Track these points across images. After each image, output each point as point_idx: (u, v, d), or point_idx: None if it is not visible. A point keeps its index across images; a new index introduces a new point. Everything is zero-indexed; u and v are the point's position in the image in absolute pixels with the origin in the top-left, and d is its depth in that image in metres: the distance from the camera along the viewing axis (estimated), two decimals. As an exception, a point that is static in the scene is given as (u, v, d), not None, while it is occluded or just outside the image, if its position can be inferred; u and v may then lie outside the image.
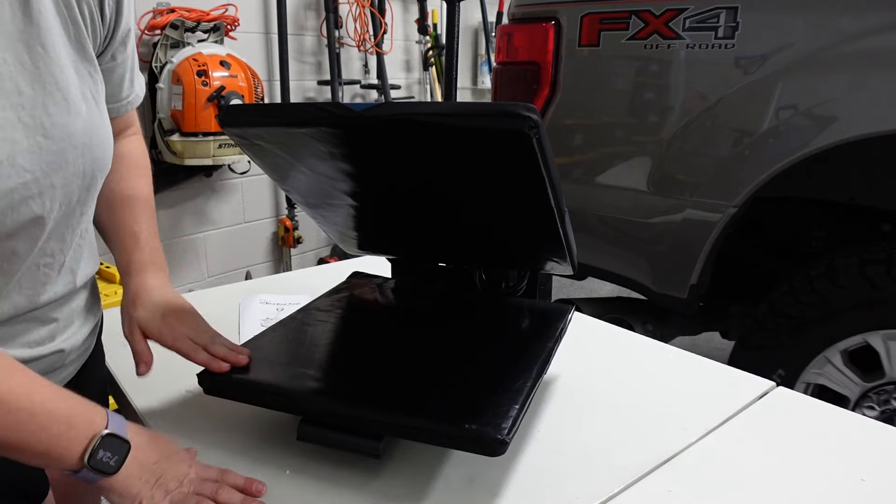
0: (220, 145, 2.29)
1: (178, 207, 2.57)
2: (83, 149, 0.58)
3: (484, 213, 0.72)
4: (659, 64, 1.48)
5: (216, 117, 1.69)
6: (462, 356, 0.73)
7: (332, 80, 2.84)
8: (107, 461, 0.54)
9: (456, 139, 0.60)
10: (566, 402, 0.79)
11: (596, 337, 1.02)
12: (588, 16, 1.56)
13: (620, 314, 1.80)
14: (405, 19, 3.34)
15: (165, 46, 2.29)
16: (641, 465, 0.67)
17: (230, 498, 0.58)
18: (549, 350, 0.71)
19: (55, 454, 0.53)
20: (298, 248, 3.01)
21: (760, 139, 1.37)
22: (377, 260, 1.02)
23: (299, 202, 0.81)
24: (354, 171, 0.70)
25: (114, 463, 0.55)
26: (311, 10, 2.92)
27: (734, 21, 1.36)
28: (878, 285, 1.33)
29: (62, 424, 0.53)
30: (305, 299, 0.90)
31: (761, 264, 1.79)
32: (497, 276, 0.85)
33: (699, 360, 0.92)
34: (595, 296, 2.78)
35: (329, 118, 0.62)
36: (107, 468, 0.54)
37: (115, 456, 0.55)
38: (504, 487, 0.63)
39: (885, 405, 1.37)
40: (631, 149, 1.59)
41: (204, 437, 0.70)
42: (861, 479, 0.65)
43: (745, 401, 0.80)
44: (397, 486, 0.63)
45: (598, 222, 1.69)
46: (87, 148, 0.59)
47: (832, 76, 1.29)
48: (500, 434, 0.57)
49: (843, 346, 1.40)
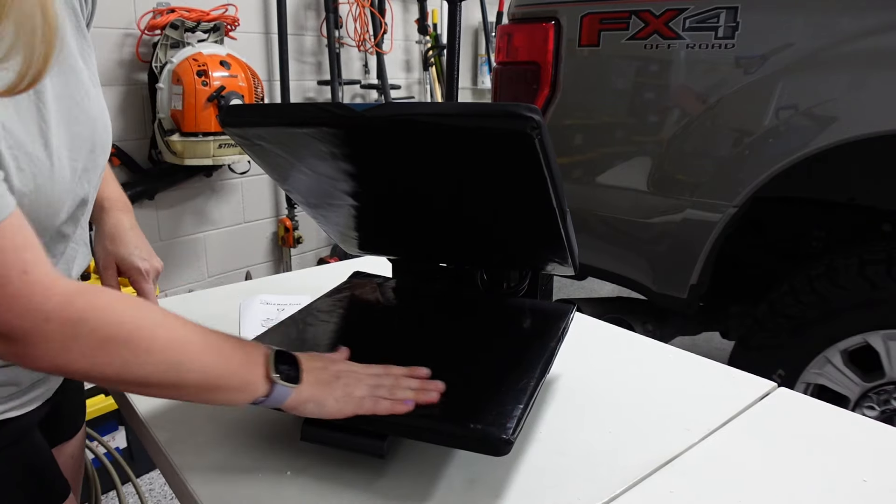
0: (220, 145, 2.29)
1: (178, 207, 2.57)
2: (101, 129, 0.63)
3: (485, 214, 0.72)
4: (659, 64, 1.48)
5: (217, 117, 1.69)
6: (464, 356, 0.73)
7: (332, 80, 2.84)
8: (288, 372, 0.58)
9: (457, 140, 0.60)
10: (567, 403, 0.79)
11: (596, 337, 1.02)
12: (588, 16, 1.56)
13: (620, 314, 1.80)
14: (405, 19, 3.34)
15: (165, 46, 2.28)
16: (643, 465, 0.67)
17: (410, 383, 0.63)
18: (552, 350, 0.71)
19: (249, 381, 0.57)
20: (298, 248, 3.01)
21: (760, 139, 1.37)
22: (378, 260, 1.02)
23: (300, 202, 0.81)
24: (355, 171, 0.70)
25: (294, 373, 0.59)
26: (311, 10, 2.92)
27: (734, 21, 1.36)
28: (878, 285, 1.33)
29: (242, 352, 0.58)
30: (306, 299, 0.90)
31: (761, 264, 1.79)
32: (498, 277, 0.85)
33: (699, 361, 0.92)
34: (595, 296, 2.79)
35: (330, 118, 0.62)
36: (292, 379, 0.58)
37: (292, 368, 0.59)
38: (506, 488, 0.63)
39: (885, 405, 1.37)
40: (631, 149, 1.59)
41: (205, 437, 0.70)
42: (863, 479, 0.65)
43: (746, 401, 0.80)
44: (399, 487, 0.63)
45: (598, 222, 1.69)
46: (104, 127, 0.64)
47: (832, 76, 1.29)
48: (504, 434, 0.57)
49: (843, 346, 1.40)
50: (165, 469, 0.69)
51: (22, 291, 0.46)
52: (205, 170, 2.55)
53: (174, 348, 0.53)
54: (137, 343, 0.51)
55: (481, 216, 0.73)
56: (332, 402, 0.59)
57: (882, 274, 1.32)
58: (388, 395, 0.61)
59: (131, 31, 2.30)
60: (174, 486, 0.67)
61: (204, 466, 0.66)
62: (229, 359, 0.56)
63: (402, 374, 0.64)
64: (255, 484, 0.63)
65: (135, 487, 1.50)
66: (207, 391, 0.56)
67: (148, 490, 1.81)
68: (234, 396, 0.57)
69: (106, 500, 1.75)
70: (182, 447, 0.69)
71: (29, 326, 0.47)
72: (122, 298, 0.53)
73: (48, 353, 0.48)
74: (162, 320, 0.54)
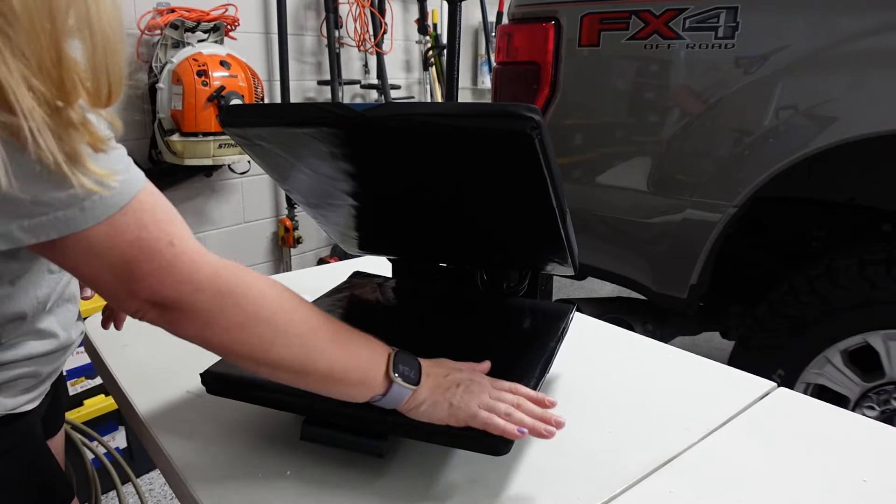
0: (220, 145, 2.29)
1: (178, 207, 2.52)
2: None
3: (485, 214, 0.72)
4: (659, 64, 1.48)
5: (217, 117, 1.69)
6: (464, 356, 0.73)
7: (332, 80, 2.84)
8: (408, 374, 0.59)
9: (457, 140, 0.60)
10: (567, 403, 0.79)
11: (596, 337, 1.02)
12: (588, 16, 1.56)
13: (620, 314, 1.80)
14: (405, 19, 3.34)
15: (165, 46, 2.28)
16: (643, 465, 0.67)
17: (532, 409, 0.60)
18: (552, 349, 0.71)
19: (370, 375, 0.57)
20: (298, 248, 3.01)
21: (760, 139, 1.37)
22: (378, 260, 1.02)
23: (300, 202, 0.81)
24: (355, 171, 0.70)
25: (414, 375, 0.59)
26: (311, 10, 2.91)
27: (734, 21, 1.36)
28: (878, 285, 1.33)
29: (367, 349, 0.58)
30: (306, 299, 0.90)
31: (761, 264, 1.79)
32: (498, 277, 0.85)
33: (699, 360, 0.92)
34: (595, 296, 2.79)
35: (330, 118, 0.62)
36: (411, 381, 0.58)
37: (412, 370, 0.60)
38: (506, 487, 0.63)
39: (885, 405, 1.37)
40: (631, 149, 1.59)
41: (205, 437, 0.70)
42: (863, 479, 0.65)
43: (746, 401, 0.80)
44: (399, 487, 0.63)
45: (598, 222, 1.69)
46: None
47: (832, 76, 1.29)
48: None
49: (843, 346, 1.40)
50: (165, 469, 0.69)
51: (173, 263, 0.47)
52: (205, 170, 2.54)
53: (308, 334, 0.54)
54: (277, 323, 0.52)
55: (481, 216, 0.73)
56: (447, 407, 0.59)
57: (882, 274, 1.32)
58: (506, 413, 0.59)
59: (131, 31, 2.30)
60: (174, 486, 0.67)
61: (204, 466, 0.66)
62: (355, 353, 0.57)
63: (530, 397, 0.62)
64: (255, 484, 0.63)
65: (135, 487, 1.50)
66: (330, 382, 0.56)
67: (148, 490, 1.81)
68: (353, 391, 0.58)
69: (106, 500, 1.75)
70: (182, 447, 0.69)
71: (181, 297, 0.48)
72: (261, 277, 0.54)
73: (196, 324, 0.50)
74: (299, 304, 0.55)
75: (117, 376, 0.85)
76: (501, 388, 0.62)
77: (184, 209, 2.59)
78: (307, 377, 0.56)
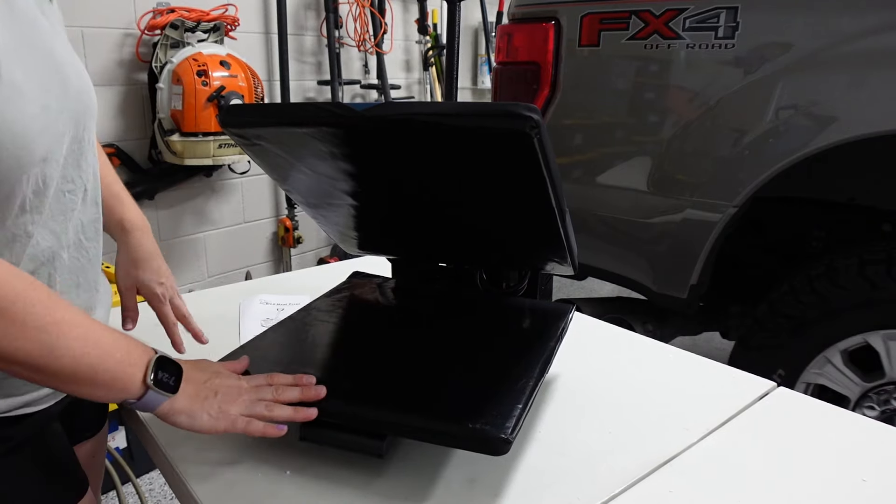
0: (220, 145, 2.29)
1: (178, 207, 2.57)
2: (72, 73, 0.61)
3: (484, 214, 0.72)
4: (659, 64, 1.48)
5: (217, 117, 1.69)
6: (463, 356, 0.73)
7: (332, 80, 2.84)
8: (166, 381, 0.58)
9: (457, 139, 0.60)
10: (566, 403, 0.79)
11: (596, 337, 1.02)
12: (588, 16, 1.56)
13: (620, 314, 1.80)
14: (405, 19, 3.34)
15: (165, 46, 2.28)
16: (642, 465, 0.67)
17: (291, 395, 0.63)
18: (551, 349, 0.71)
19: (121, 380, 0.56)
20: (298, 248, 3.01)
21: (760, 139, 1.37)
22: (377, 260, 1.02)
23: (300, 202, 0.81)
24: (355, 170, 0.70)
25: (172, 382, 0.58)
26: (311, 10, 2.92)
27: (734, 21, 1.36)
28: (878, 285, 1.33)
29: (122, 350, 0.56)
30: (306, 299, 0.90)
31: (761, 264, 1.79)
32: (498, 277, 0.85)
33: (699, 360, 0.92)
34: (595, 296, 2.79)
35: (330, 118, 0.62)
36: (168, 388, 0.57)
37: (172, 376, 0.58)
38: (505, 488, 0.63)
39: (885, 405, 1.37)
40: (631, 149, 1.59)
41: (205, 437, 0.70)
42: (862, 479, 0.65)
43: (745, 401, 0.80)
44: (398, 487, 0.63)
45: (598, 222, 1.69)
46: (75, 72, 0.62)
47: (832, 76, 1.29)
48: (503, 433, 0.57)
49: (843, 346, 1.40)
50: (165, 469, 0.69)
51: None
52: (205, 170, 2.55)
53: (50, 330, 0.51)
54: (13, 314, 0.49)
55: (481, 216, 0.73)
56: (206, 418, 0.59)
57: (882, 274, 1.32)
58: (267, 411, 0.61)
59: (131, 31, 2.30)
60: (174, 486, 0.67)
61: (204, 466, 0.66)
62: (106, 354, 0.55)
63: (286, 384, 0.64)
64: (254, 484, 0.63)
65: (135, 487, 1.51)
66: (76, 382, 0.54)
67: (148, 490, 1.81)
68: (102, 393, 0.56)
69: (106, 500, 1.75)
70: (182, 447, 0.69)
71: None
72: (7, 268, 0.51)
73: None
74: (46, 299, 0.52)
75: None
76: (258, 383, 0.63)
77: (184, 209, 2.59)
78: (51, 376, 0.53)
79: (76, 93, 0.62)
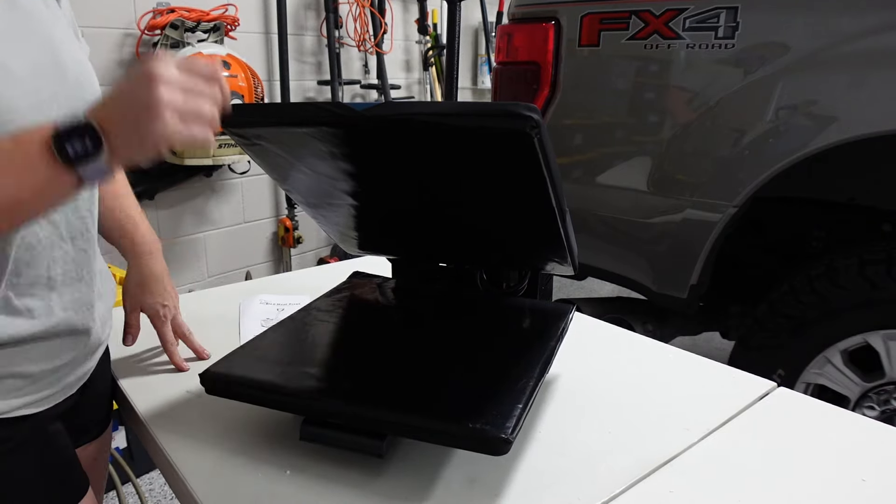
0: (220, 145, 2.29)
1: (178, 207, 2.57)
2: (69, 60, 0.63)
3: (485, 214, 0.72)
4: (659, 64, 1.48)
5: (216, 117, 1.68)
6: (464, 356, 0.73)
7: (332, 80, 2.84)
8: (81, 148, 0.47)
9: (457, 139, 0.60)
10: (566, 403, 0.79)
11: (596, 337, 1.02)
12: (588, 16, 1.56)
13: (620, 314, 1.80)
14: (405, 19, 3.34)
15: (165, 46, 2.28)
16: (643, 465, 0.67)
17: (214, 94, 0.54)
18: (551, 349, 0.71)
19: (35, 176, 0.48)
20: (298, 248, 3.01)
21: (760, 139, 1.37)
22: (377, 260, 1.02)
23: (300, 202, 0.81)
24: (355, 170, 0.70)
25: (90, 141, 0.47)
26: (311, 10, 2.91)
27: (734, 21, 1.36)
28: (878, 285, 1.33)
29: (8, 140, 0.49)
30: (306, 299, 0.90)
31: (761, 264, 1.79)
32: (498, 277, 0.85)
33: (699, 360, 0.92)
34: (595, 296, 2.78)
35: (330, 118, 0.62)
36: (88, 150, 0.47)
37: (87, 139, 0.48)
38: (505, 488, 0.63)
39: (885, 405, 1.37)
40: (631, 149, 1.59)
41: (205, 437, 0.70)
42: (862, 479, 0.65)
43: (746, 401, 0.80)
44: (398, 487, 0.63)
45: (598, 222, 1.69)
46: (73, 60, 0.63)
47: (832, 76, 1.29)
48: (503, 433, 0.57)
49: (843, 346, 1.40)
50: (165, 469, 0.69)
51: None
52: (205, 170, 2.55)
53: None
54: None
55: (481, 216, 0.73)
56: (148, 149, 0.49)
57: (882, 274, 1.32)
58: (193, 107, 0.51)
59: (131, 31, 2.30)
60: (174, 486, 0.67)
61: (204, 466, 0.66)
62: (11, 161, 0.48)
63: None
64: (254, 483, 0.63)
65: (135, 487, 1.51)
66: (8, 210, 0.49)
67: (148, 490, 1.81)
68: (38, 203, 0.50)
69: (106, 500, 1.75)
70: (182, 447, 0.69)
71: None
72: None
73: None
74: None
75: (117, 376, 0.85)
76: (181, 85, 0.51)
77: (184, 209, 2.59)
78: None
79: (74, 80, 0.62)
